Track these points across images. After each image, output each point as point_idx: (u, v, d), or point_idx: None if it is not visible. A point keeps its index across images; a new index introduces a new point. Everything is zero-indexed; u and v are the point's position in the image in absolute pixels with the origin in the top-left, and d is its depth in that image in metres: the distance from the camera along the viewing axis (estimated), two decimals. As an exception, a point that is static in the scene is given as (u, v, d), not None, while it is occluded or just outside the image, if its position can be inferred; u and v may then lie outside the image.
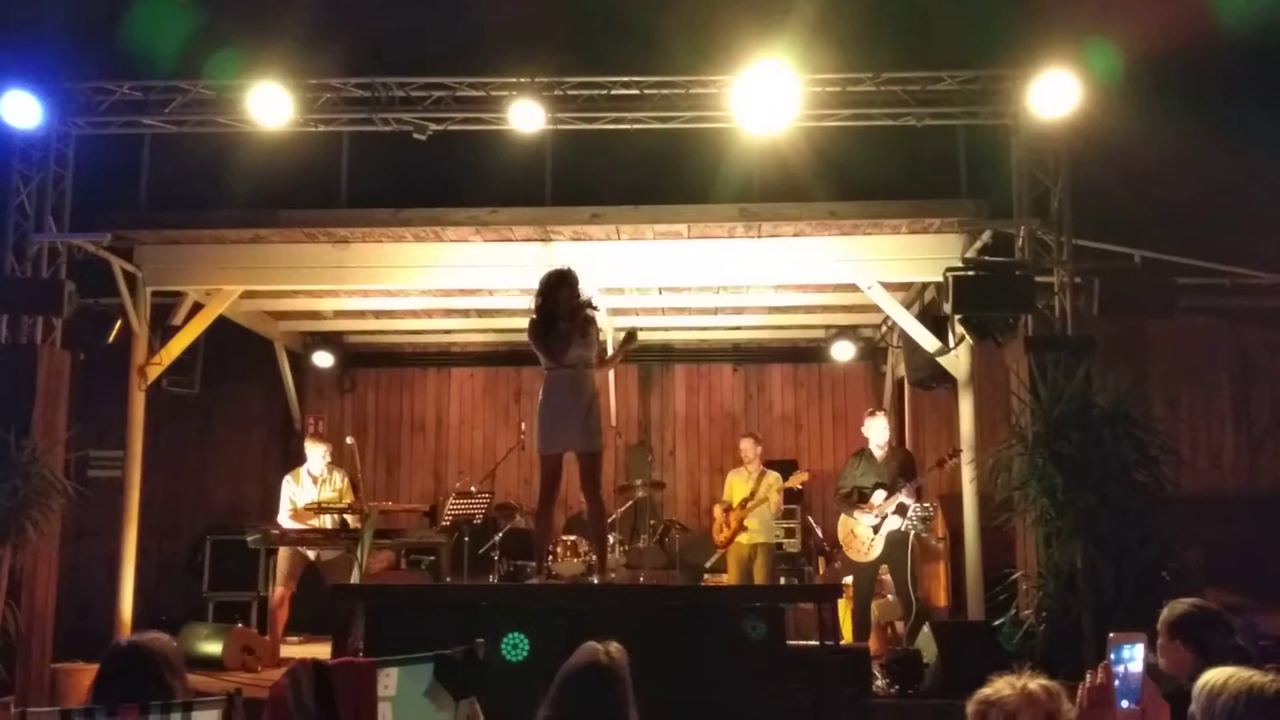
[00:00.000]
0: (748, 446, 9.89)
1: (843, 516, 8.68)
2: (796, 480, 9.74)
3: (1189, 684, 2.45)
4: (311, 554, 8.77)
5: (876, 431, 8.69)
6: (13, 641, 7.54)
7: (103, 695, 3.02)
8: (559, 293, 6.61)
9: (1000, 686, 2.35)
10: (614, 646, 3.25)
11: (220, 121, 8.37)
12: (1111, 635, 2.31)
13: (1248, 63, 8.80)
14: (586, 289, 6.86)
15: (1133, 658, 2.27)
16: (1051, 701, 2.34)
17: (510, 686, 3.75)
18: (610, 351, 7.16)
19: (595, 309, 6.85)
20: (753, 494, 9.57)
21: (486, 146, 8.48)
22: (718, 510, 9.86)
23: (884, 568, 8.52)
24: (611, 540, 9.59)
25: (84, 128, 8.43)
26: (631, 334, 7.09)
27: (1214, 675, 2.37)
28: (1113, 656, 2.28)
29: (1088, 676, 2.31)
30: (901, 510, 8.32)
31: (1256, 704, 2.26)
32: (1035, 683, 2.36)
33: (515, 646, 3.07)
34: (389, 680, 3.36)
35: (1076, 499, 6.77)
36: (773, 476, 9.71)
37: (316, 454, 9.08)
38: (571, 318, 6.59)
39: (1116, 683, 2.27)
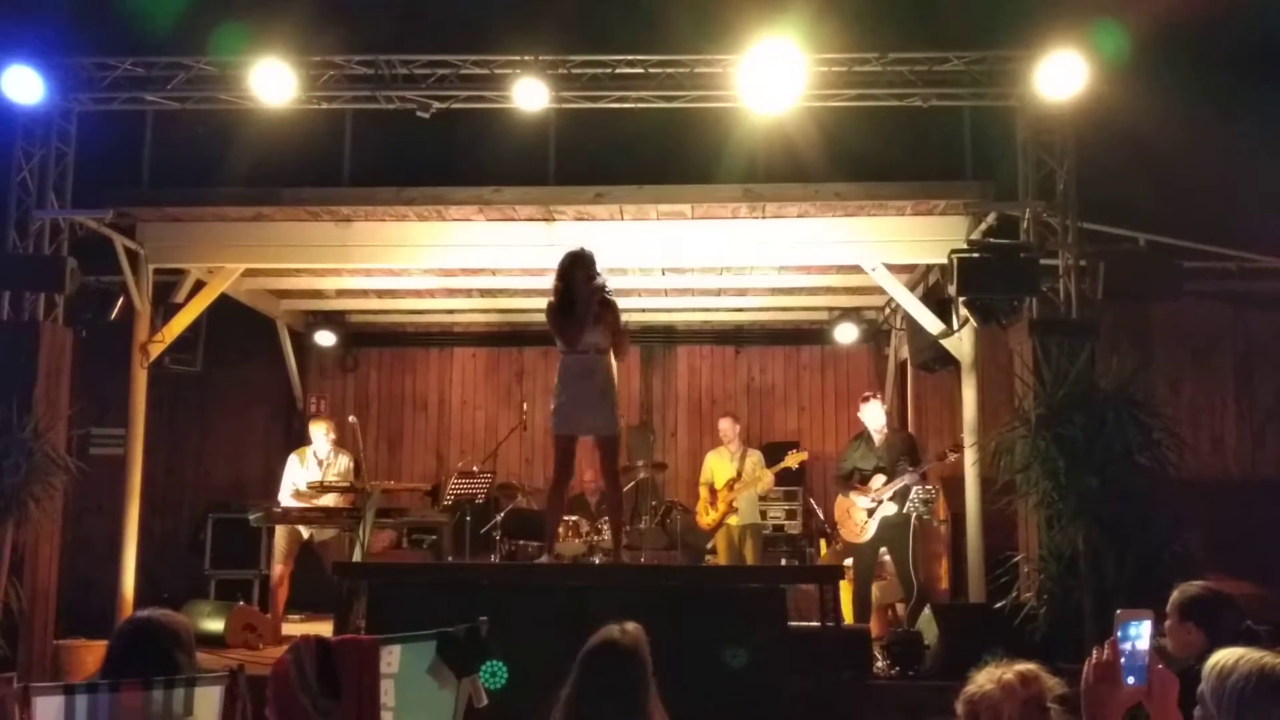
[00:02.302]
0: (727, 426, 9.87)
1: (839, 497, 8.72)
2: (794, 460, 9.71)
3: (1198, 664, 2.44)
4: (306, 533, 8.78)
5: (872, 416, 8.69)
6: (15, 618, 7.55)
7: (112, 670, 3.03)
8: (574, 274, 6.50)
9: (982, 683, 2.35)
10: (631, 625, 3.29)
11: (223, 99, 8.31)
12: (1119, 612, 2.30)
13: (1256, 44, 8.75)
14: (602, 270, 6.70)
15: (1139, 635, 2.26)
16: (1029, 687, 2.33)
17: (515, 666, 3.75)
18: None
19: (607, 291, 6.68)
20: (739, 475, 9.55)
21: (490, 125, 8.43)
22: (703, 492, 9.82)
23: (884, 550, 8.53)
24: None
25: (86, 104, 8.39)
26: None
27: (1224, 655, 2.36)
28: (1119, 634, 2.27)
29: (1094, 653, 2.31)
30: (900, 495, 8.33)
31: (1267, 684, 2.26)
32: (1011, 672, 2.35)
33: (494, 674, 3.10)
34: (392, 657, 3.35)
35: (1079, 482, 6.76)
36: (756, 456, 9.70)
37: (319, 433, 9.08)
38: (587, 301, 6.48)
39: (1123, 660, 2.26)
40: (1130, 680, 2.24)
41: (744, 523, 9.56)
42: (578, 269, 6.53)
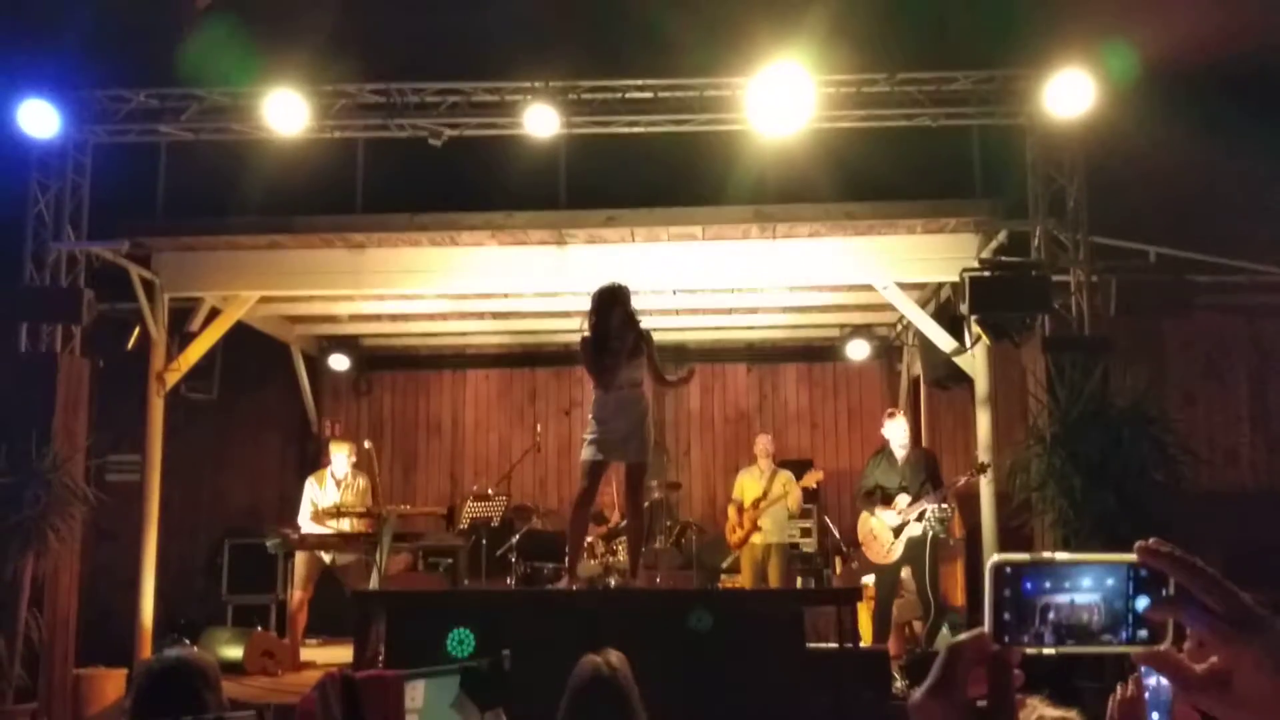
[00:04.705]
0: (765, 442, 9.86)
1: (863, 515, 8.60)
2: (811, 479, 9.70)
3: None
4: (327, 558, 8.81)
5: (895, 433, 8.61)
6: (36, 648, 7.59)
7: (140, 710, 3.04)
8: (611, 311, 6.47)
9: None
10: (613, 655, 3.29)
11: (236, 129, 8.39)
12: None
13: (1264, 61, 8.76)
14: (639, 303, 6.70)
15: (1163, 671, 2.27)
16: None
17: (535, 692, 3.76)
18: (671, 376, 7.05)
19: (640, 323, 6.67)
20: (765, 493, 9.55)
21: (501, 151, 8.49)
22: (731, 510, 9.84)
23: (906, 569, 8.48)
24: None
25: (101, 136, 8.48)
26: (691, 372, 7.17)
27: None
28: (1143, 669, 2.28)
29: (1118, 689, 2.31)
30: (921, 514, 8.30)
31: None
32: (1051, 714, 2.34)
33: (461, 642, 3.12)
34: (416, 693, 3.37)
35: (1095, 500, 6.77)
36: (785, 475, 9.69)
37: (340, 456, 9.13)
38: (621, 338, 6.46)
39: (1147, 695, 2.27)
40: (1155, 716, 2.25)
41: (768, 541, 9.52)
42: (616, 307, 6.49)
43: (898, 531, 8.31)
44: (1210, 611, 0.99)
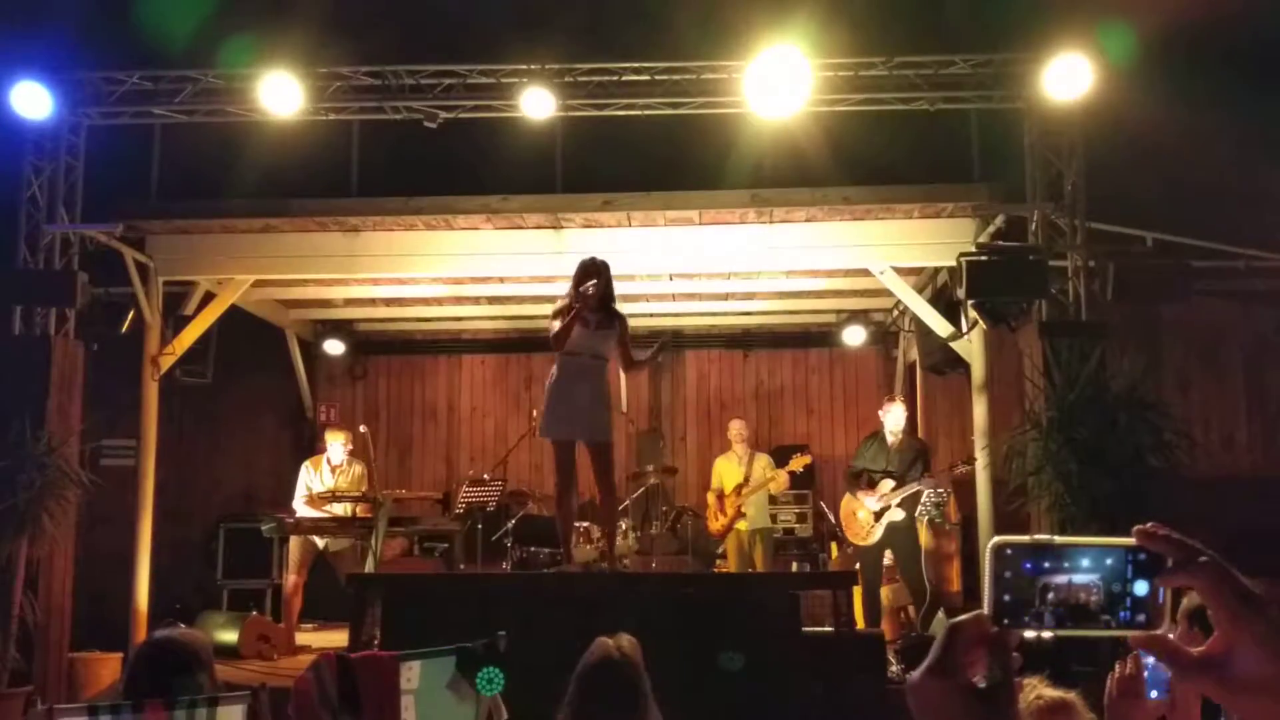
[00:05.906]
0: (739, 427, 9.84)
1: (846, 496, 8.70)
2: (798, 464, 9.69)
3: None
4: (320, 543, 8.80)
5: (892, 418, 8.63)
6: (31, 631, 7.58)
7: (134, 690, 3.03)
8: (582, 281, 6.58)
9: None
10: (625, 639, 3.26)
11: (231, 111, 8.35)
12: None
13: (1262, 44, 8.73)
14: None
15: (1162, 650, 2.27)
16: (1056, 717, 2.32)
17: (530, 676, 3.75)
18: (641, 355, 7.08)
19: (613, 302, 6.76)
20: (747, 479, 9.52)
21: (497, 134, 8.46)
22: (711, 498, 9.79)
23: (889, 554, 8.52)
24: (624, 526, 9.59)
25: (95, 118, 8.43)
26: (664, 344, 7.14)
27: None
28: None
29: (1116, 667, 2.31)
30: (910, 501, 8.30)
31: None
32: (1045, 699, 2.33)
33: (491, 681, 3.11)
34: (411, 673, 3.36)
35: (1091, 485, 6.76)
36: (765, 459, 9.67)
37: (336, 444, 9.11)
38: (594, 309, 6.54)
39: (1146, 674, 2.27)
40: (1153, 695, 2.25)
41: (753, 527, 9.52)
42: (583, 276, 6.62)
43: (879, 515, 8.36)
44: (1217, 587, 0.99)
